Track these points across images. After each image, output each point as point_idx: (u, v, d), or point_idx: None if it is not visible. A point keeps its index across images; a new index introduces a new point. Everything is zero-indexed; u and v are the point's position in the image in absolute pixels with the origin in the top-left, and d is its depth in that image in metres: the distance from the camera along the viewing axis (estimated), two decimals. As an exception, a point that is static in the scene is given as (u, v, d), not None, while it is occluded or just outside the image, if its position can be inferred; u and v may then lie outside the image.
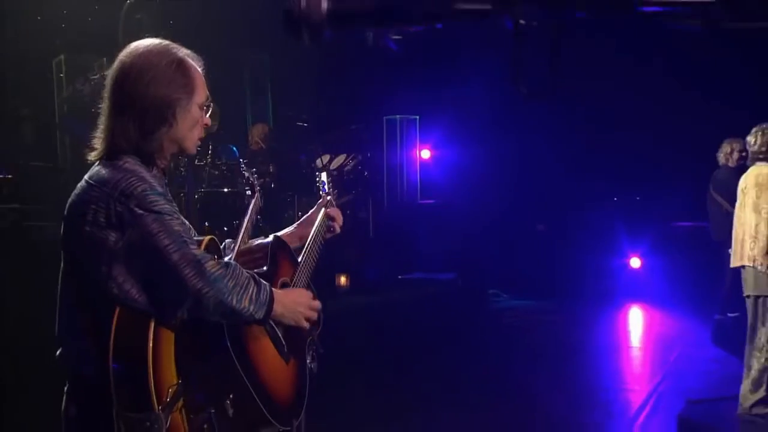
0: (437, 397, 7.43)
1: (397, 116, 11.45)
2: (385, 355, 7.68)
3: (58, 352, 2.64)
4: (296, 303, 2.78)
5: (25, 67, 8.05)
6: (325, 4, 1.43)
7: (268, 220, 8.28)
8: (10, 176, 7.34)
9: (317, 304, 2.87)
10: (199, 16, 9.93)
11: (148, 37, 6.36)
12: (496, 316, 11.22)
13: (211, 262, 2.50)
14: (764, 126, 6.50)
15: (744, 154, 8.70)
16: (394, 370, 7.76)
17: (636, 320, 12.11)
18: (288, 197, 8.41)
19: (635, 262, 12.76)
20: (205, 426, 2.53)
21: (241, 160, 3.51)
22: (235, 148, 8.68)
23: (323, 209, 3.36)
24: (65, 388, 2.63)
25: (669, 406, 7.26)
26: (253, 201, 3.28)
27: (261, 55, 11.23)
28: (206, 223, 7.93)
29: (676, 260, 12.16)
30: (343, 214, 9.06)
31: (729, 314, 9.32)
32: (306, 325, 2.80)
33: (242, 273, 2.60)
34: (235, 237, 3.07)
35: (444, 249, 10.65)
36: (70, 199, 2.61)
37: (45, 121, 7.73)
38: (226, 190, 8.11)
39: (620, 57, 11.56)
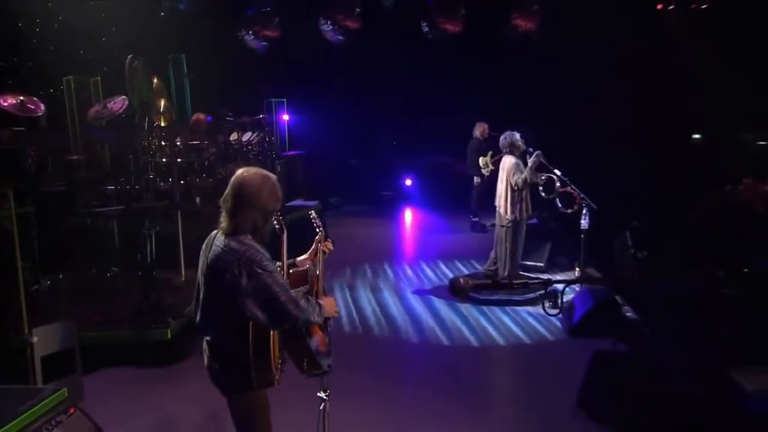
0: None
1: (273, 99, 11.32)
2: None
3: (208, 338, 2.84)
4: (330, 306, 3.05)
5: (46, 80, 7.59)
6: (472, 282, 2.25)
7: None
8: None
9: (337, 306, 3.16)
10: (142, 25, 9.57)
11: (140, 69, 6.43)
12: (340, 217, 11.57)
13: (302, 300, 2.79)
14: (508, 133, 6.84)
15: (488, 132, 9.53)
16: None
17: (410, 218, 12.28)
18: (221, 166, 8.32)
19: (408, 182, 13.29)
20: (284, 369, 2.89)
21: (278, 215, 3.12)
22: None
23: (319, 244, 3.28)
24: (208, 353, 2.84)
25: (443, 278, 7.68)
26: (284, 238, 3.08)
27: (179, 55, 10.35)
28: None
29: (431, 181, 12.89)
30: None
31: (476, 218, 10.12)
32: (335, 315, 3.13)
33: (312, 301, 2.88)
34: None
35: (308, 182, 10.71)
36: (211, 258, 2.73)
37: (61, 123, 7.32)
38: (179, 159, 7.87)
39: (409, 63, 11.78)
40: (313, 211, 3.53)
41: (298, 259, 3.25)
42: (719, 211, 8.45)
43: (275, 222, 3.04)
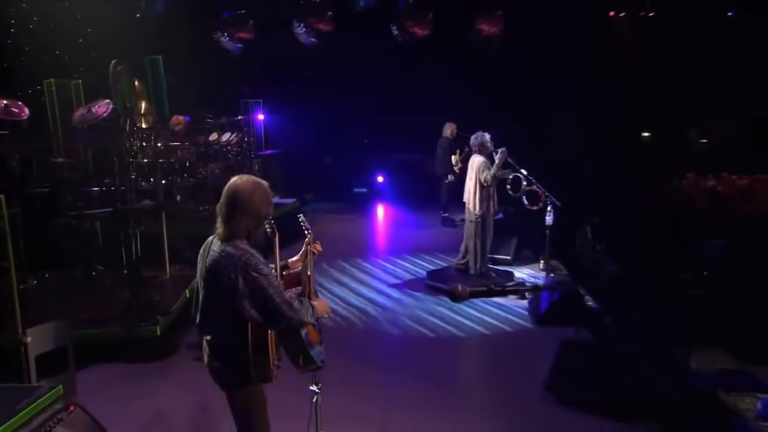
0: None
1: (249, 100, 11.15)
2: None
3: (208, 338, 2.82)
4: (323, 308, 3.08)
5: (23, 81, 7.37)
6: (469, 289, 2.21)
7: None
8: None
9: (330, 307, 3.20)
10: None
11: (124, 73, 6.38)
12: (315, 214, 11.21)
13: (296, 302, 2.81)
14: (479, 134, 6.90)
15: (457, 132, 9.52)
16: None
17: (383, 214, 12.15)
18: (202, 166, 8.26)
19: (380, 178, 13.20)
20: (280, 365, 2.91)
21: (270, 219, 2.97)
22: None
23: (309, 246, 3.28)
24: (207, 351, 2.83)
25: (420, 273, 7.57)
26: (276, 241, 3.08)
27: (156, 56, 10.25)
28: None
29: (402, 178, 12.85)
30: (231, 171, 9.01)
31: (446, 214, 10.17)
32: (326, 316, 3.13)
33: (306, 302, 2.90)
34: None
35: (284, 180, 10.54)
36: (209, 263, 2.73)
37: (42, 125, 7.10)
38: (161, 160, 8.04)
39: (380, 65, 11.70)
40: (301, 215, 3.52)
41: (290, 260, 3.27)
42: (669, 204, 8.79)
43: (267, 226, 3.01)
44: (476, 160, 6.94)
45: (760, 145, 12.05)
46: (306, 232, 3.34)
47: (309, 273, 3.22)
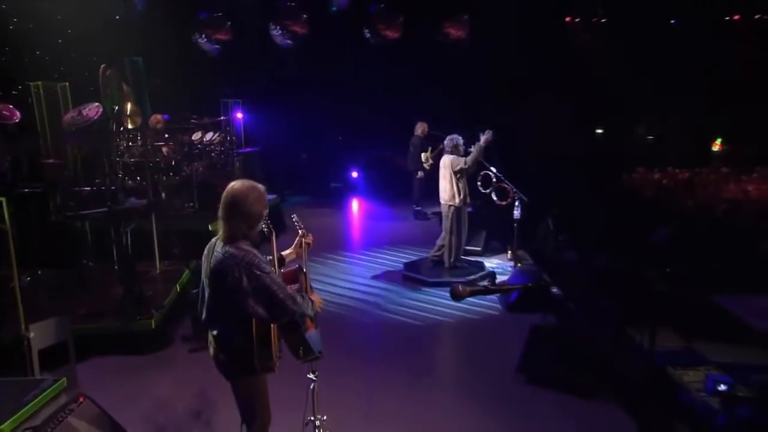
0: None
1: (229, 100, 10.96)
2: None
3: (214, 333, 2.88)
4: (318, 302, 3.16)
5: (7, 84, 7.13)
6: (469, 289, 2.16)
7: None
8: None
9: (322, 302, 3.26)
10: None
11: (113, 77, 6.33)
12: (293, 208, 10.89)
13: (298, 297, 2.88)
14: (452, 137, 6.93)
15: (428, 131, 9.54)
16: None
17: (358, 207, 12.12)
18: (186, 164, 8.15)
19: (354, 174, 13.15)
20: (281, 356, 2.99)
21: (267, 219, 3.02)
22: None
23: (303, 239, 3.39)
24: (213, 345, 2.90)
25: (396, 265, 7.67)
26: (273, 239, 3.18)
27: (136, 58, 9.79)
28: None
29: (376, 173, 12.87)
30: (214, 169, 8.88)
31: (419, 207, 10.26)
32: (319, 311, 3.20)
33: (306, 298, 2.99)
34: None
35: (265, 178, 10.60)
36: (214, 263, 2.77)
37: (29, 126, 6.91)
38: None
39: (353, 66, 11.75)
40: (294, 215, 3.66)
41: (284, 252, 3.35)
42: (621, 196, 9.12)
43: (264, 226, 3.06)
44: (448, 159, 7.03)
45: (700, 141, 12.63)
46: (299, 230, 3.47)
47: (305, 269, 3.30)
